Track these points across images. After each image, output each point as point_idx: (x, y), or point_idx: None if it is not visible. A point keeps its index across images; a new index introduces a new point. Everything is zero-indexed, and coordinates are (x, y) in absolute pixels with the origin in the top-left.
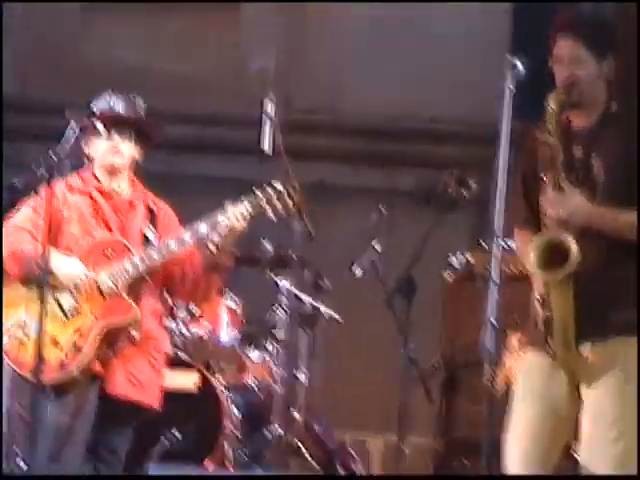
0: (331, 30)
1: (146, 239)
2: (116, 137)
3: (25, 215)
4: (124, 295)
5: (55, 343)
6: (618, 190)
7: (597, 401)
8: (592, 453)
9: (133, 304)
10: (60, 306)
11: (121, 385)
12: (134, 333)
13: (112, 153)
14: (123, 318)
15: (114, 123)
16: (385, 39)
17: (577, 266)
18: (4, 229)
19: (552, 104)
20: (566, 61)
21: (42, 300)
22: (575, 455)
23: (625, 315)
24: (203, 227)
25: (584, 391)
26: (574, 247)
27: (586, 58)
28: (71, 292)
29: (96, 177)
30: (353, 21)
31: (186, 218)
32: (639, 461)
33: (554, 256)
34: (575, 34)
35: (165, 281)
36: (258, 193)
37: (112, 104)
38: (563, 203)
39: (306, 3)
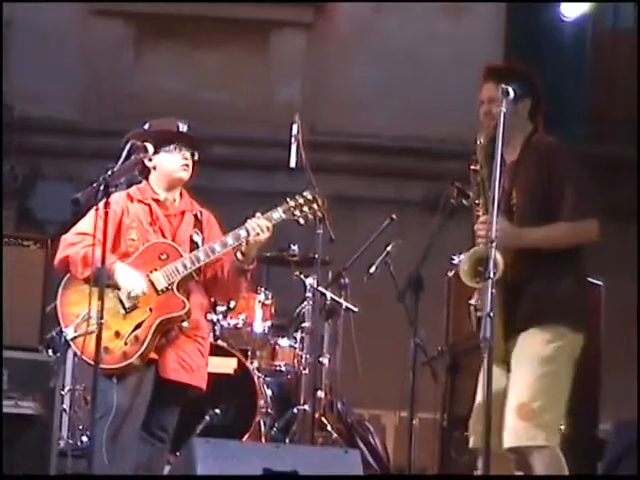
0: (349, 63)
1: (194, 243)
2: (187, 154)
3: (89, 223)
4: (176, 292)
5: (118, 335)
6: (528, 218)
7: (512, 377)
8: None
9: (185, 300)
10: (121, 302)
11: (173, 369)
12: (184, 324)
13: (184, 168)
14: (178, 312)
15: (186, 143)
16: (396, 70)
17: (501, 276)
18: (71, 235)
19: (481, 138)
20: (486, 101)
21: (102, 299)
22: None
23: (535, 308)
24: (243, 232)
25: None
26: (500, 259)
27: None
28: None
29: (152, 189)
30: (368, 54)
31: (225, 226)
32: (639, 461)
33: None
34: (493, 79)
35: (203, 282)
36: (290, 201)
37: (181, 126)
38: (487, 224)
39: (328, 41)
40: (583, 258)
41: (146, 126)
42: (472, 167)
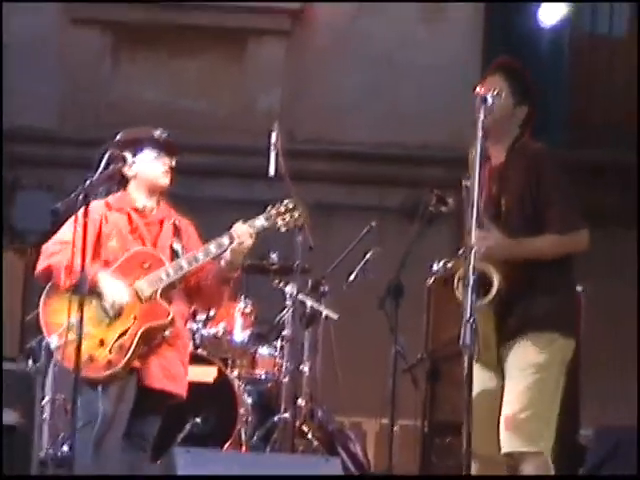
0: (327, 70)
1: (174, 251)
2: (167, 161)
3: (69, 232)
4: (160, 300)
5: (102, 344)
6: (516, 224)
7: (507, 383)
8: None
9: (169, 308)
10: (105, 311)
11: (157, 377)
12: (167, 333)
13: (165, 175)
14: (162, 321)
15: (166, 149)
16: (375, 77)
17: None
18: (52, 244)
19: (473, 151)
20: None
21: (81, 308)
22: None
23: (529, 315)
24: (226, 239)
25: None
26: (496, 278)
27: (506, 94)
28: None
29: (131, 198)
30: (347, 61)
31: (205, 234)
32: (639, 461)
33: (479, 284)
34: (505, 74)
35: (185, 290)
36: (272, 209)
37: (159, 134)
38: (483, 239)
39: (306, 49)
40: (573, 265)
41: (119, 136)
42: (463, 182)
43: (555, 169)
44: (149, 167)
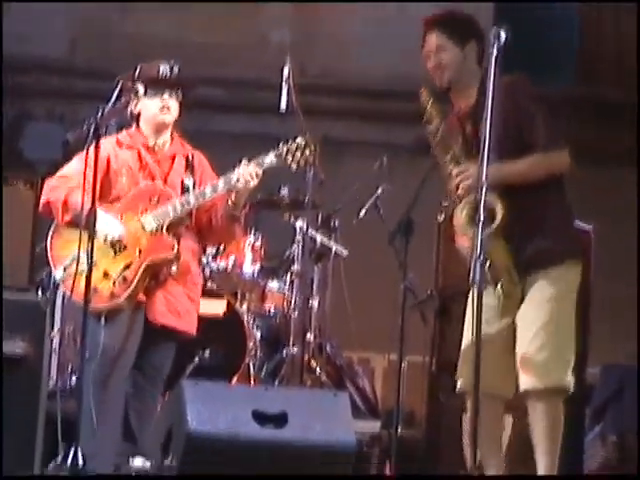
0: (338, 7)
1: (185, 187)
2: (166, 97)
3: (74, 167)
4: (166, 234)
5: (106, 275)
6: (500, 156)
7: (522, 318)
8: (522, 364)
9: (175, 242)
10: (110, 244)
11: (161, 313)
12: (174, 268)
13: (163, 112)
14: (166, 254)
15: (165, 85)
16: (387, 12)
17: (502, 221)
18: (54, 179)
19: (424, 96)
20: (433, 52)
21: (92, 241)
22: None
23: (543, 248)
24: (234, 176)
25: (517, 318)
26: (499, 205)
27: (449, 46)
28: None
29: (142, 134)
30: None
31: (215, 169)
32: (639, 461)
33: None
34: (438, 28)
35: (197, 228)
36: (282, 147)
37: (161, 69)
38: (466, 173)
39: None
40: (565, 189)
41: (137, 70)
42: (430, 131)
43: (532, 94)
44: (148, 104)
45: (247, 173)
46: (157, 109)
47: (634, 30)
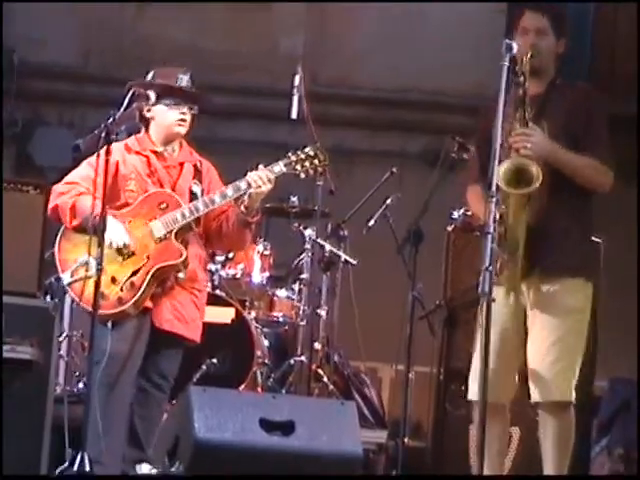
0: (349, 16)
1: (193, 194)
2: (185, 110)
3: (83, 172)
4: (174, 241)
5: (114, 281)
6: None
7: (537, 330)
8: (534, 377)
9: (182, 249)
10: (118, 250)
11: (167, 320)
12: (181, 274)
13: (179, 124)
14: (174, 261)
15: (184, 97)
16: (396, 24)
17: (537, 188)
18: (61, 185)
19: (525, 59)
20: (532, 31)
21: (101, 247)
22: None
23: (567, 260)
24: (243, 184)
25: (528, 322)
26: (536, 170)
27: (549, 33)
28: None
29: (151, 140)
30: (372, 5)
31: (224, 176)
32: (639, 461)
33: (518, 179)
34: (543, 10)
35: (206, 235)
36: (292, 155)
37: (183, 80)
38: (528, 136)
39: None
40: (592, 208)
41: (150, 74)
42: (517, 78)
43: (606, 108)
44: (164, 114)
45: (259, 178)
46: (174, 120)
47: None
